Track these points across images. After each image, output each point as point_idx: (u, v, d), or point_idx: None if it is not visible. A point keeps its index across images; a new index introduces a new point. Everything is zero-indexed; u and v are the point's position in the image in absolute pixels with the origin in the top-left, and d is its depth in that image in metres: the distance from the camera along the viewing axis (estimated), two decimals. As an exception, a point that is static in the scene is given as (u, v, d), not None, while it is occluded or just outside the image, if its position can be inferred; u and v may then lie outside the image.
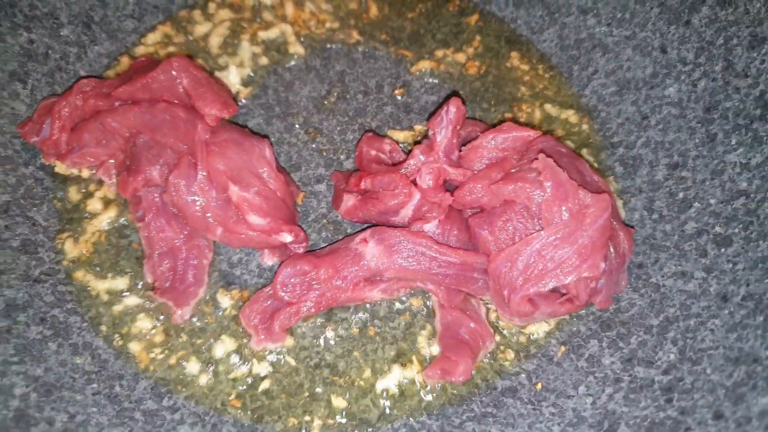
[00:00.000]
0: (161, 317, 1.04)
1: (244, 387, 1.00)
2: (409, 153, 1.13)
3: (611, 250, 0.98)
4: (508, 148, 1.03)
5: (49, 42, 1.21)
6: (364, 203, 1.03)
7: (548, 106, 1.23)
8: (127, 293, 1.05)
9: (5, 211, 1.07)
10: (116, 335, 1.02)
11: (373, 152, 1.11)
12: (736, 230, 0.98)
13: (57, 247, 1.08)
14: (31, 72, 1.18)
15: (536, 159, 0.96)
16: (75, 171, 1.14)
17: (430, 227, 1.01)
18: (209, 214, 1.01)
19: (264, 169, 1.04)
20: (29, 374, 0.94)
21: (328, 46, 1.28)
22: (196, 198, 1.01)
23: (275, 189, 1.04)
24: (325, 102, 1.23)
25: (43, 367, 0.96)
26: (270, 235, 1.01)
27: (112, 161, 1.12)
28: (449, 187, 1.04)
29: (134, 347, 1.02)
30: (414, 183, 1.01)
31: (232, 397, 0.99)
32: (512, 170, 1.00)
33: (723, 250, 0.98)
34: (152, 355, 1.01)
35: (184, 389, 0.99)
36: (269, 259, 1.09)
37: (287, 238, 1.02)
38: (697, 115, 1.10)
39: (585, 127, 1.21)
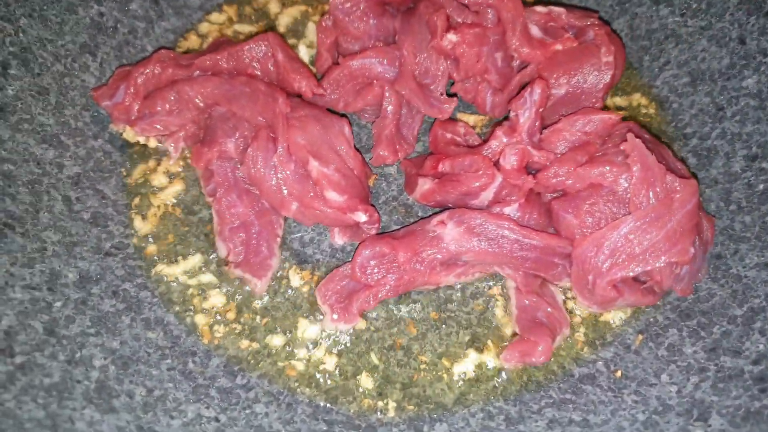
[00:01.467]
0: (234, 294, 1.03)
1: (318, 367, 0.98)
2: (484, 137, 1.12)
3: (696, 236, 0.96)
4: (590, 132, 1.02)
5: (118, 16, 1.20)
6: (442, 186, 1.02)
7: (617, 99, 1.22)
8: (199, 270, 1.04)
9: (76, 183, 1.06)
10: (187, 312, 1.01)
11: (449, 135, 1.10)
12: (824, 222, 0.97)
13: (126, 222, 1.07)
14: (100, 45, 1.17)
15: (624, 142, 0.95)
16: (142, 139, 1.12)
17: (510, 210, 1.00)
18: (286, 189, 1.00)
19: (342, 146, 1.03)
20: (106, 346, 0.93)
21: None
22: (274, 171, 1.00)
23: (353, 167, 1.03)
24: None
25: (119, 340, 0.95)
26: (345, 213, 1.00)
27: (182, 133, 1.11)
28: (529, 170, 1.03)
29: (203, 324, 1.01)
30: (496, 165, 1.00)
31: (307, 376, 0.98)
32: (597, 154, 0.99)
33: (810, 241, 0.97)
34: (223, 333, 1.00)
35: (257, 368, 0.98)
36: (340, 239, 1.07)
37: (362, 217, 1.01)
38: (778, 106, 1.08)
39: (656, 117, 1.20)
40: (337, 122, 1.04)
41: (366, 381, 0.98)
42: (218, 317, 1.01)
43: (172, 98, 1.07)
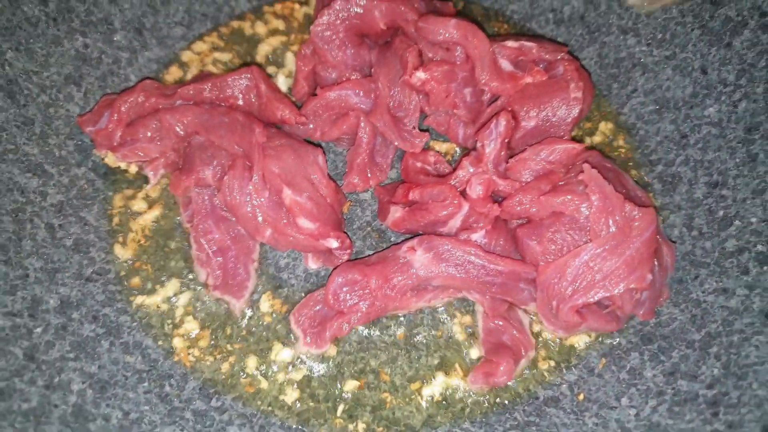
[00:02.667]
0: (208, 319, 1.06)
1: (290, 390, 1.02)
2: (453, 165, 1.15)
3: (656, 263, 1.00)
4: (554, 162, 1.06)
5: (102, 47, 1.24)
6: (412, 214, 1.06)
7: (587, 124, 1.26)
8: (176, 295, 1.08)
9: (59, 210, 1.10)
10: (165, 336, 1.05)
11: (419, 164, 1.14)
12: (779, 249, 1.00)
13: (107, 248, 1.10)
14: (85, 75, 1.21)
15: (582, 172, 0.99)
16: (123, 165, 1.16)
17: (477, 237, 1.03)
18: (260, 216, 1.04)
19: (316, 175, 1.07)
20: (85, 371, 0.96)
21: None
22: (249, 199, 1.03)
23: (326, 195, 1.06)
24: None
25: (97, 364, 0.98)
26: (317, 239, 1.04)
27: (162, 160, 1.15)
28: (495, 198, 1.06)
29: (181, 347, 1.04)
30: (463, 194, 1.03)
31: (279, 399, 1.01)
32: (560, 183, 1.03)
33: (765, 268, 1.00)
34: (199, 356, 1.03)
35: (231, 391, 1.01)
36: (313, 263, 1.11)
37: (333, 243, 1.04)
38: (738, 135, 1.12)
39: (624, 144, 1.23)
40: (312, 152, 1.08)
41: (336, 403, 1.01)
42: (193, 340, 1.04)
43: (154, 126, 1.11)
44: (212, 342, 1.05)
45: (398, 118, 1.14)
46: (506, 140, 1.05)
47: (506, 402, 1.01)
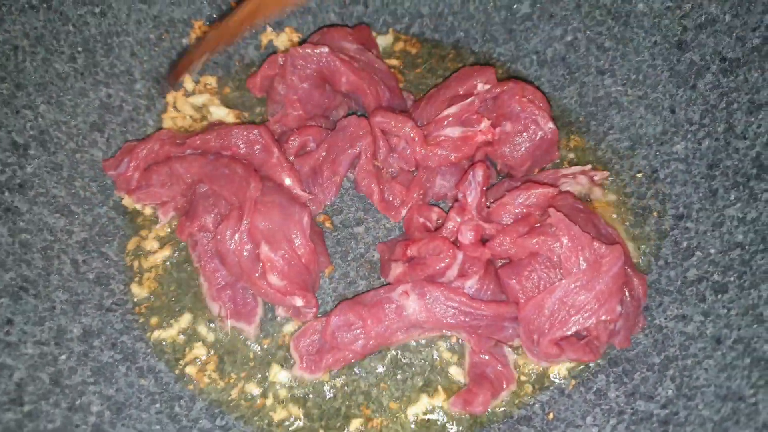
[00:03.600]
0: (214, 345, 1.18)
1: (287, 410, 1.13)
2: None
3: (626, 294, 1.08)
4: (531, 205, 1.15)
5: (124, 96, 1.38)
6: (412, 270, 1.15)
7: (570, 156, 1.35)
8: (189, 327, 1.20)
9: (83, 247, 1.23)
10: (176, 361, 1.17)
11: (422, 220, 1.23)
12: (732, 278, 1.09)
13: (126, 280, 1.23)
14: (107, 122, 1.35)
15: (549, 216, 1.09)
16: (139, 206, 1.29)
17: (471, 283, 1.12)
18: (241, 265, 1.14)
19: (297, 235, 1.16)
20: (103, 393, 1.08)
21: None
22: (234, 248, 1.13)
23: (302, 255, 1.16)
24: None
25: (115, 387, 1.10)
26: (284, 296, 1.13)
27: (172, 204, 1.27)
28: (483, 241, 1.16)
29: (191, 372, 1.16)
30: (455, 243, 1.13)
31: (276, 418, 1.12)
32: (536, 225, 1.12)
33: (719, 296, 1.08)
34: (206, 380, 1.15)
35: (234, 411, 1.13)
36: (282, 313, 1.21)
37: (298, 302, 1.14)
38: (701, 171, 1.21)
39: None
40: (299, 212, 1.18)
41: (329, 422, 1.12)
42: (201, 364, 1.16)
43: (165, 173, 1.24)
44: (218, 366, 1.16)
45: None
46: (484, 188, 1.15)
47: (483, 421, 1.11)
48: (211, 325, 1.19)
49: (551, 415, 1.09)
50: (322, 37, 1.37)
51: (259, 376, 1.16)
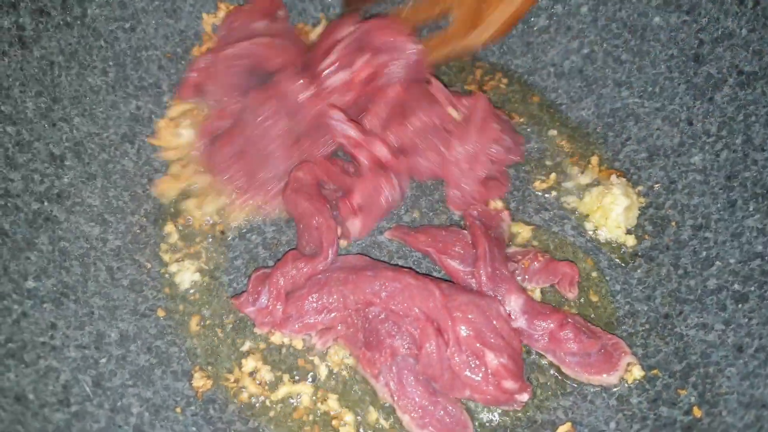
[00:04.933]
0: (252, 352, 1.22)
1: (316, 415, 1.16)
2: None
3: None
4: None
5: (152, 108, 1.41)
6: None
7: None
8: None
9: (117, 254, 1.26)
10: (209, 365, 1.20)
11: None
12: (752, 288, 1.12)
13: (158, 286, 1.26)
14: (137, 134, 1.38)
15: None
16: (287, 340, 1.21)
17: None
18: (460, 379, 1.07)
19: (504, 329, 1.09)
20: (142, 396, 1.12)
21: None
22: (449, 366, 1.07)
23: (516, 348, 1.09)
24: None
25: (152, 390, 1.14)
26: (513, 395, 1.07)
27: (332, 332, 1.16)
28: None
29: (225, 375, 1.19)
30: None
31: (307, 424, 1.15)
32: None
33: (740, 305, 1.12)
34: (240, 384, 1.18)
35: (264, 415, 1.16)
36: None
37: (525, 398, 1.08)
38: (720, 182, 1.24)
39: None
40: (492, 303, 1.11)
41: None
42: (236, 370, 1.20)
43: (319, 299, 1.14)
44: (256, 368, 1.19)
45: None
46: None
47: (507, 425, 1.14)
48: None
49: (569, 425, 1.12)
50: (232, 22, 1.44)
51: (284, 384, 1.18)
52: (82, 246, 1.23)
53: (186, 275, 1.28)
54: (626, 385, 1.13)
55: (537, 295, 1.23)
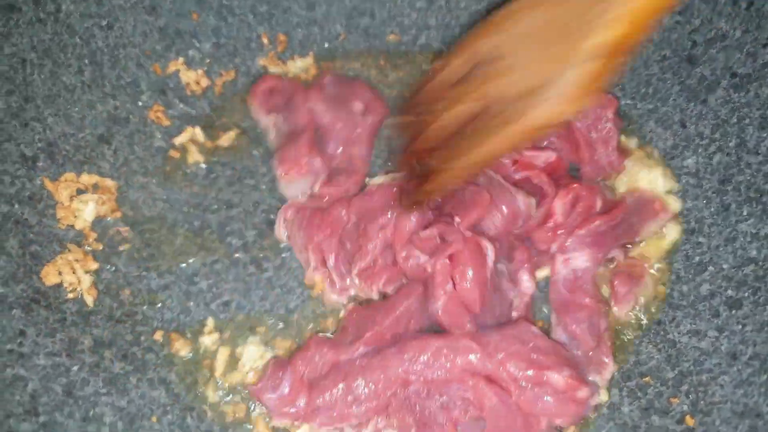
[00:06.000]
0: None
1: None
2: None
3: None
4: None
5: (130, 107, 1.37)
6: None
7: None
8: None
9: (93, 258, 1.22)
10: (187, 375, 1.16)
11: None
12: (746, 294, 1.09)
13: (135, 292, 1.22)
14: (114, 134, 1.34)
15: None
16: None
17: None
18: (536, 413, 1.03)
19: (543, 342, 1.07)
20: (116, 405, 1.08)
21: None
22: (517, 407, 1.02)
23: (566, 356, 1.07)
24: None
25: (127, 399, 1.10)
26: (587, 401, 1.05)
27: (372, 425, 1.06)
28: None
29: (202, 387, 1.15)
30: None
31: None
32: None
33: (734, 311, 1.09)
34: (219, 395, 1.15)
35: (246, 424, 1.12)
36: None
37: (596, 397, 1.08)
38: (713, 185, 1.21)
39: (610, 191, 1.33)
40: (520, 326, 1.09)
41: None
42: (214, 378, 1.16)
43: (348, 390, 1.04)
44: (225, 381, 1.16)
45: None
46: None
47: None
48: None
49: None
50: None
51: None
52: (54, 250, 1.18)
53: (164, 280, 1.24)
54: (615, 395, 1.10)
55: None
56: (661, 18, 0.89)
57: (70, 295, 1.15)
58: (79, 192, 1.25)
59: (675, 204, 1.23)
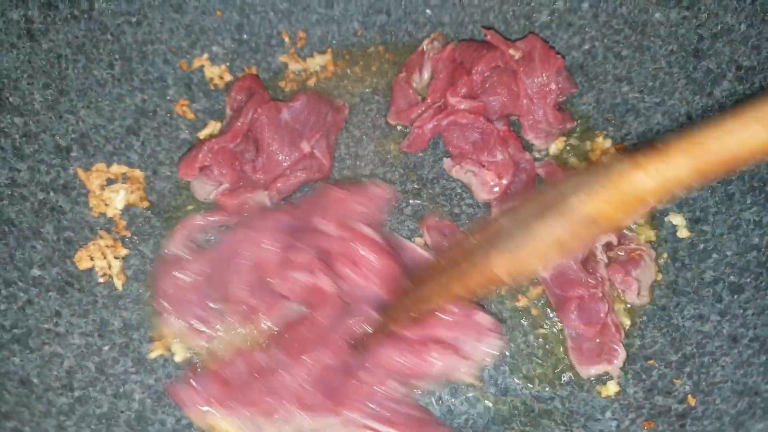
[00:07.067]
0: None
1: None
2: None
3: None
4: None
5: (157, 101, 1.43)
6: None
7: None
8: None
9: (122, 245, 1.28)
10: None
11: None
12: (748, 280, 1.13)
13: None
14: (142, 126, 1.40)
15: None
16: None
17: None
18: None
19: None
20: (144, 383, 1.14)
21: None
22: None
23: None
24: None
25: (154, 377, 1.16)
26: None
27: None
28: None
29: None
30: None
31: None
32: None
33: (736, 296, 1.13)
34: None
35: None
36: None
37: None
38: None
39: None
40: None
41: None
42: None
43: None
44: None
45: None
46: None
47: (505, 415, 1.15)
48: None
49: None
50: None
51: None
52: (86, 236, 1.25)
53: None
54: (621, 378, 1.14)
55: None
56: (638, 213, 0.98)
57: (101, 279, 1.22)
58: (110, 182, 1.31)
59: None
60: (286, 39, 1.53)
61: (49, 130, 1.25)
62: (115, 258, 1.25)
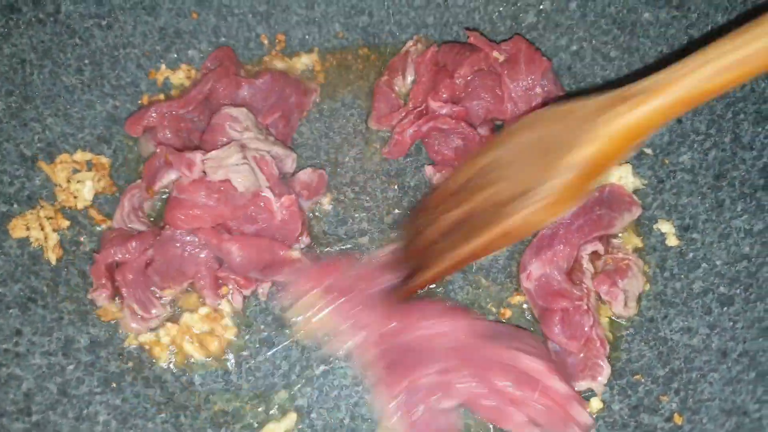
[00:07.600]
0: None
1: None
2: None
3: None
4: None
5: (130, 107, 1.39)
6: None
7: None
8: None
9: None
10: (182, 371, 1.18)
11: None
12: (738, 291, 1.08)
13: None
14: (114, 134, 1.36)
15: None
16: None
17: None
18: None
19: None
20: (110, 403, 1.10)
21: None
22: None
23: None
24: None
25: (121, 397, 1.11)
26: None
27: None
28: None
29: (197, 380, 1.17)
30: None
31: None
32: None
33: (725, 308, 1.08)
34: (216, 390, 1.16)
35: (239, 420, 1.14)
36: None
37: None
38: (708, 181, 1.20)
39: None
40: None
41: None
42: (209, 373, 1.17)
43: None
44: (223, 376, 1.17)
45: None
46: None
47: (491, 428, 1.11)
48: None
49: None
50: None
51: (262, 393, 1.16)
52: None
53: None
54: (606, 393, 1.10)
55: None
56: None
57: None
58: (75, 171, 1.28)
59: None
60: (265, 42, 1.49)
61: (12, 139, 1.20)
62: (54, 231, 1.20)
